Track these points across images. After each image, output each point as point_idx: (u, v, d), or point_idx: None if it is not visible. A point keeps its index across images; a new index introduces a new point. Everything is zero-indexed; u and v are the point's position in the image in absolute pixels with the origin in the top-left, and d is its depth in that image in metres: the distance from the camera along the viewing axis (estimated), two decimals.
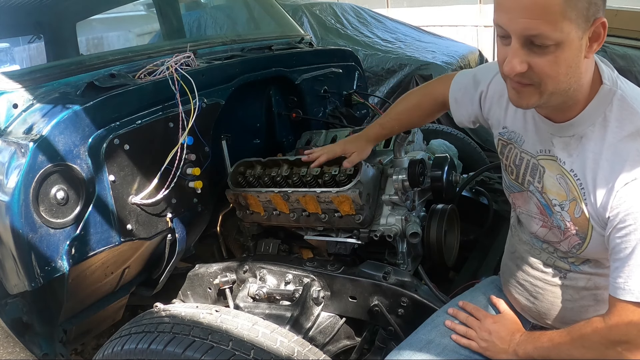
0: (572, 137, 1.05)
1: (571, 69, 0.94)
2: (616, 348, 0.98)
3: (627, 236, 0.95)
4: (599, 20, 0.92)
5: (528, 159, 1.16)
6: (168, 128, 1.56)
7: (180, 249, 1.67)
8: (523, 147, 1.17)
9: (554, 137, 1.08)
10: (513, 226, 1.32)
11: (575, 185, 1.05)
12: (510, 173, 1.22)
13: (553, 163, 1.09)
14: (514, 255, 1.29)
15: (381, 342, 1.56)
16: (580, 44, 0.93)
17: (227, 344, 1.24)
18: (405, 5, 10.27)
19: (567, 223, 1.08)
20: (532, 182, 1.15)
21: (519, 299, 1.28)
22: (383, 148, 1.97)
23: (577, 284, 1.15)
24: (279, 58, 2.16)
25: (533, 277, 1.22)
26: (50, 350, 1.52)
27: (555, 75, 0.94)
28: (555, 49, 0.91)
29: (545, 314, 1.23)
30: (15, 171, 1.28)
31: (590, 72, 1.00)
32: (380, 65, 4.47)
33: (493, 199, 2.09)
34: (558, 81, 0.95)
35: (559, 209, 1.09)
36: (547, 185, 1.11)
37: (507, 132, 1.21)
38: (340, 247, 1.72)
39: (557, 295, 1.19)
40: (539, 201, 1.15)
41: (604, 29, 0.93)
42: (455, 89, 1.39)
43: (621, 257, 0.96)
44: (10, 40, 3.32)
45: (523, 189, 1.19)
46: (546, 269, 1.19)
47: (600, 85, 1.01)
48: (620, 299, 0.96)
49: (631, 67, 3.73)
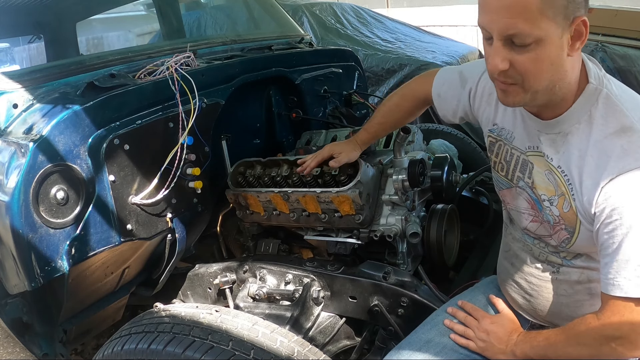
0: (558, 134, 1.06)
1: (553, 67, 0.96)
2: (610, 344, 0.99)
3: (613, 231, 0.96)
4: (579, 19, 0.93)
5: (518, 155, 1.17)
6: (168, 128, 1.56)
7: (180, 249, 1.67)
8: (513, 144, 1.19)
9: (541, 134, 1.10)
10: (506, 225, 1.34)
11: (563, 181, 1.06)
12: (500, 170, 1.24)
13: (541, 159, 1.11)
14: (509, 254, 1.30)
15: (381, 342, 1.56)
16: (561, 42, 0.94)
17: (227, 344, 1.24)
18: (405, 5, 10.27)
19: (556, 218, 1.10)
20: (522, 177, 1.17)
21: (516, 298, 1.29)
22: (383, 148, 1.97)
23: (571, 278, 1.16)
24: (279, 58, 2.16)
25: (528, 274, 1.23)
26: (50, 350, 1.52)
27: (537, 73, 0.96)
28: (536, 47, 0.93)
29: (542, 311, 1.24)
30: (15, 171, 1.28)
31: (576, 71, 1.01)
32: (380, 65, 4.47)
33: (493, 199, 2.09)
34: (541, 78, 0.97)
35: (548, 204, 1.11)
36: (537, 181, 1.13)
37: (497, 129, 1.23)
38: (340, 247, 1.72)
39: (551, 291, 1.20)
40: (530, 196, 1.16)
41: (585, 28, 0.95)
42: (438, 84, 1.42)
43: (609, 253, 0.97)
44: (10, 40, 3.32)
45: (512, 185, 1.21)
46: (539, 265, 1.20)
47: (587, 84, 1.02)
48: (611, 294, 0.97)
49: (631, 67, 3.73)
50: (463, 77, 1.34)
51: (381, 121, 1.63)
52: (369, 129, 1.67)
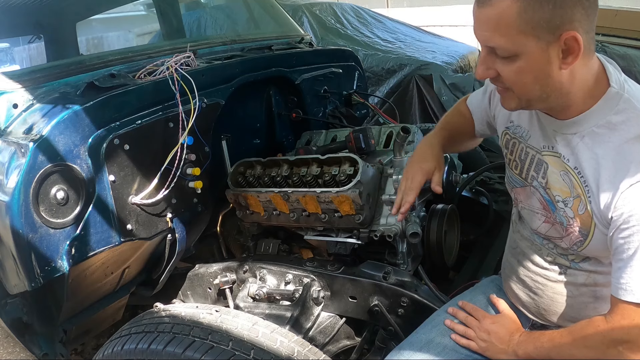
0: (574, 135, 1.05)
1: (540, 80, 0.97)
2: (617, 347, 0.99)
3: (630, 237, 0.95)
4: (566, 34, 0.92)
5: (533, 154, 1.17)
6: (168, 128, 1.56)
7: (180, 249, 1.67)
8: (529, 142, 1.18)
9: (557, 134, 1.09)
10: (514, 222, 1.33)
11: (579, 183, 1.05)
12: (515, 168, 1.23)
13: (557, 160, 1.10)
14: (516, 251, 1.30)
15: (381, 342, 1.56)
16: (547, 56, 0.94)
17: (227, 344, 1.24)
18: (405, 5, 10.27)
19: (570, 219, 1.09)
20: (536, 177, 1.16)
21: (520, 295, 1.29)
22: (383, 148, 1.97)
23: (577, 280, 1.16)
24: (279, 58, 2.16)
25: (534, 273, 1.23)
26: (50, 350, 1.52)
27: (522, 84, 0.99)
28: (517, 60, 0.96)
29: (546, 310, 1.24)
30: (15, 171, 1.29)
31: (583, 80, 1.00)
32: (380, 65, 4.47)
33: (493, 199, 2.09)
34: (527, 90, 1.00)
35: (562, 205, 1.10)
36: (551, 181, 1.12)
37: (513, 127, 1.23)
38: (340, 247, 1.72)
39: (557, 291, 1.19)
40: (542, 197, 1.15)
41: (577, 44, 0.93)
42: (471, 102, 1.45)
43: (623, 258, 0.96)
44: (10, 40, 3.32)
45: (526, 184, 1.20)
46: (547, 265, 1.20)
47: (607, 88, 1.02)
48: (622, 299, 0.97)
49: (631, 67, 3.73)
50: (484, 85, 1.38)
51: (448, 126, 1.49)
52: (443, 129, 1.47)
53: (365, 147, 1.85)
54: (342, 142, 1.93)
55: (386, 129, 2.04)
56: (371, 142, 1.87)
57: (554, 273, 1.18)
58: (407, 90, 4.38)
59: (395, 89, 4.39)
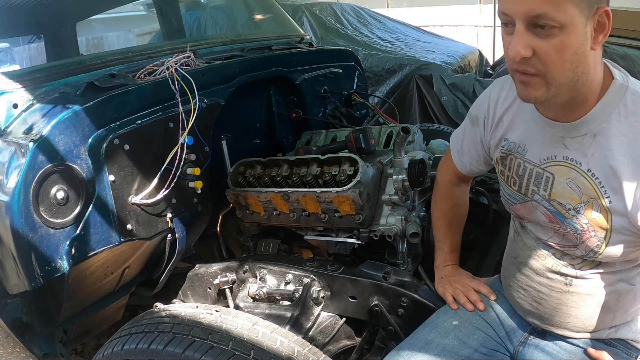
0: (584, 135, 1.03)
1: (577, 57, 0.93)
2: None
3: None
4: (602, 9, 0.92)
5: (531, 168, 1.14)
6: (168, 128, 1.56)
7: (180, 249, 1.67)
8: (526, 157, 1.15)
9: (566, 139, 1.06)
10: (516, 232, 1.29)
11: (594, 185, 1.03)
12: (513, 184, 1.20)
13: (562, 168, 1.08)
14: (517, 261, 1.27)
15: (381, 342, 1.56)
16: (585, 32, 0.92)
17: (227, 344, 1.24)
18: (405, 5, 10.28)
19: (584, 225, 1.06)
20: (537, 191, 1.13)
21: (522, 303, 1.26)
22: (383, 148, 1.97)
23: (582, 290, 1.14)
24: (279, 58, 2.16)
25: (537, 283, 1.20)
26: (50, 350, 1.52)
27: (561, 62, 0.93)
28: (560, 33, 0.90)
29: (549, 319, 1.21)
30: (15, 171, 1.28)
31: (599, 70, 1.00)
32: (380, 65, 4.47)
33: (493, 199, 2.08)
34: (563, 69, 0.94)
35: (574, 213, 1.07)
36: (559, 191, 1.09)
37: (507, 144, 1.20)
38: (340, 247, 1.72)
39: (561, 302, 1.17)
40: (547, 209, 1.12)
41: (608, 19, 0.93)
42: (454, 147, 1.39)
43: None
44: (10, 40, 3.32)
45: (527, 199, 1.17)
46: (551, 275, 1.17)
47: (611, 81, 1.01)
48: None
49: (631, 67, 3.72)
50: (472, 117, 1.31)
51: (450, 232, 1.51)
52: (446, 246, 1.50)
53: (365, 147, 1.85)
54: (342, 142, 1.93)
55: (386, 129, 2.04)
56: (371, 142, 1.87)
57: (559, 284, 1.16)
58: (407, 90, 4.39)
59: (395, 89, 4.40)
